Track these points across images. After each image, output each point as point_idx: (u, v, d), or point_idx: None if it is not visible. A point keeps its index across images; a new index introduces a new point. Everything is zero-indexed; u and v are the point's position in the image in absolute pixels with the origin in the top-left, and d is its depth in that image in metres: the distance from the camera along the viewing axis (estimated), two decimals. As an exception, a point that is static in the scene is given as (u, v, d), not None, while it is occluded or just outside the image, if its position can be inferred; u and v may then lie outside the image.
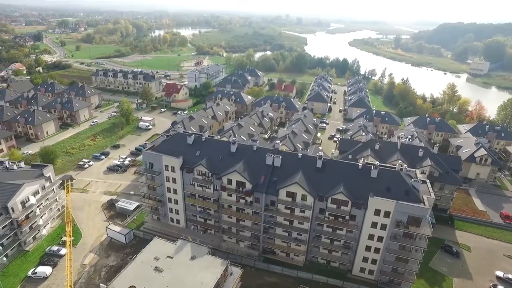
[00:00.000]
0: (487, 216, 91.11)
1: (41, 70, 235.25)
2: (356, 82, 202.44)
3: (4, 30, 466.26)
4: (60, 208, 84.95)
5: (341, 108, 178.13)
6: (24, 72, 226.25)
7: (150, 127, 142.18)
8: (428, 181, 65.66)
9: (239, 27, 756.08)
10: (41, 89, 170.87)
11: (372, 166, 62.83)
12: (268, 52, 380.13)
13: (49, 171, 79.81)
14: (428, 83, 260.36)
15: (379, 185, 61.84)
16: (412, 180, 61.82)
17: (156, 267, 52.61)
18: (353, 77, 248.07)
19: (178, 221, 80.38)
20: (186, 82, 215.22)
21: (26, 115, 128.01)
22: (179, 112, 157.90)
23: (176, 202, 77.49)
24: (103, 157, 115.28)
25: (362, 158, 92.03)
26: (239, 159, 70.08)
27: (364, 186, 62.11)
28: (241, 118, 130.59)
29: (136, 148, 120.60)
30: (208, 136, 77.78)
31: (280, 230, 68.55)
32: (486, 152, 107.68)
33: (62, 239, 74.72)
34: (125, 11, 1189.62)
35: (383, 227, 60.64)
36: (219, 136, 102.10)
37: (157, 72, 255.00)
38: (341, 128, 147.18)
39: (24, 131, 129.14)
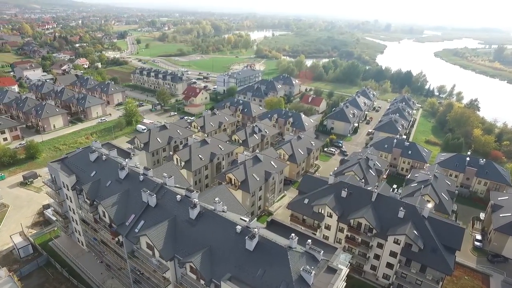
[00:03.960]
0: (498, 327, 59.81)
1: (99, 66, 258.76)
2: (401, 100, 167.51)
3: (102, 29, 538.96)
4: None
5: (369, 131, 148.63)
6: (85, 66, 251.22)
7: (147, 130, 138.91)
8: (340, 270, 43.30)
9: (317, 31, 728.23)
10: (77, 84, 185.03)
11: (247, 236, 43.81)
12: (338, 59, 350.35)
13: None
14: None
15: (253, 265, 42.73)
16: (302, 268, 40.85)
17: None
18: (410, 93, 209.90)
19: (82, 243, 72.57)
20: (216, 86, 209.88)
21: (38, 108, 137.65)
22: (185, 117, 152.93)
23: (77, 222, 69.68)
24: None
25: (319, 208, 71.03)
26: (123, 188, 58.20)
27: (233, 260, 43.80)
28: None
29: None
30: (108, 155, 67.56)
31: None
32: (534, 225, 72.91)
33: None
34: (217, 13, 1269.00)
35: (244, 326, 41.57)
36: (170, 153, 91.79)
37: (200, 73, 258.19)
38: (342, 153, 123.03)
39: (35, 123, 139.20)
